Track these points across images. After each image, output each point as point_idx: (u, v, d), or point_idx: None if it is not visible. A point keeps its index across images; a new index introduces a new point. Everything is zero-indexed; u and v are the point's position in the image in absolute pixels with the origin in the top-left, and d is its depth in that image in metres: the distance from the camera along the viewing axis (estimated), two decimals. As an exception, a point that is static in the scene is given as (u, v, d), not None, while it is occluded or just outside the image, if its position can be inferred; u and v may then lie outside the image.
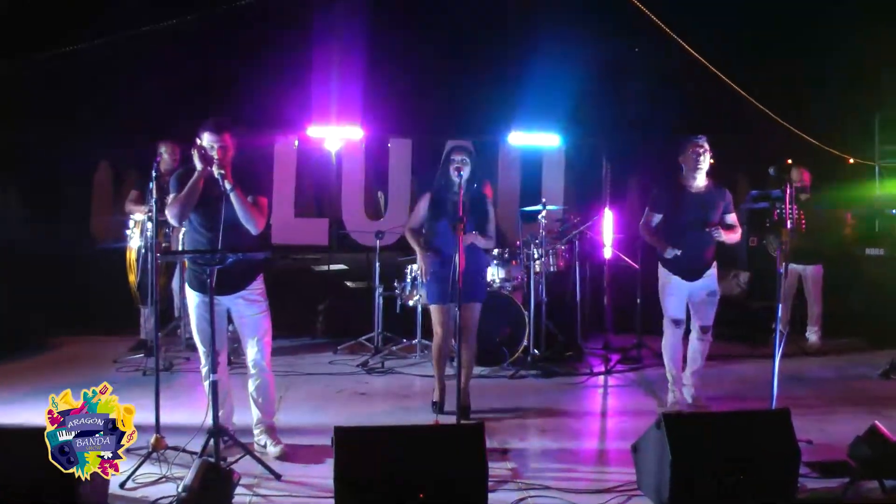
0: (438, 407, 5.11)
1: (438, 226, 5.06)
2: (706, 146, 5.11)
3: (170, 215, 4.10)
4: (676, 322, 5.26)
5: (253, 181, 4.25)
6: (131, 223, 6.55)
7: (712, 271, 5.22)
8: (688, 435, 3.56)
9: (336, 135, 8.58)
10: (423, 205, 5.15)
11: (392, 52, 8.66)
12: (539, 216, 6.77)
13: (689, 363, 5.36)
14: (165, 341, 6.58)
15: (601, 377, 6.32)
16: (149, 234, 6.24)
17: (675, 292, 5.22)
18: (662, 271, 5.26)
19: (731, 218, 5.28)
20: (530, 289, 6.63)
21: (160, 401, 4.18)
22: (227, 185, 4.03)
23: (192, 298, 4.26)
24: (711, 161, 5.14)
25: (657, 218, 5.25)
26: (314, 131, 8.50)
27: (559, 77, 8.59)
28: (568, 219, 7.39)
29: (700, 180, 5.15)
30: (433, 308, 5.14)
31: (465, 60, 8.79)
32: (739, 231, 5.30)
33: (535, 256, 6.75)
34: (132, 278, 6.51)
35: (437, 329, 5.11)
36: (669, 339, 5.30)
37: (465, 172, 4.88)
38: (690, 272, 5.17)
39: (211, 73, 8.13)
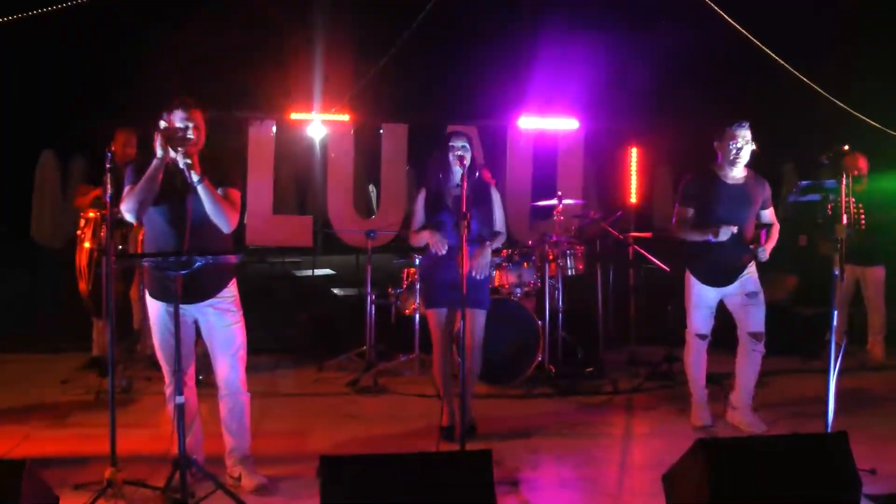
0: (448, 433, 5.03)
1: (437, 223, 5.04)
2: (749, 135, 5.05)
3: (125, 209, 4.07)
4: (701, 337, 5.27)
5: (223, 171, 4.22)
6: (82, 222, 6.52)
7: (750, 270, 5.20)
8: (729, 463, 3.53)
9: (320, 119, 8.57)
10: (420, 203, 5.12)
11: (386, 25, 8.65)
12: (554, 212, 6.74)
13: (740, 382, 5.29)
14: (123, 358, 6.55)
15: (627, 396, 6.29)
16: (103, 234, 6.20)
17: (702, 303, 5.22)
18: (689, 278, 5.24)
19: (769, 214, 5.25)
20: (544, 295, 6.61)
21: (116, 427, 4.13)
22: (195, 176, 4.00)
23: (154, 308, 4.23)
24: (756, 149, 5.08)
25: (690, 213, 5.20)
26: (295, 116, 8.48)
27: (578, 54, 8.57)
28: (587, 215, 7.36)
29: (738, 171, 5.12)
30: (429, 314, 5.14)
31: (469, 36, 8.79)
32: (777, 229, 5.26)
33: (550, 258, 6.72)
34: (83, 286, 6.48)
35: (434, 338, 5.13)
36: (692, 355, 5.33)
37: (467, 161, 4.86)
38: (724, 276, 5.16)
39: (173, 50, 8.13)
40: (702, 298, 5.22)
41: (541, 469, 4.67)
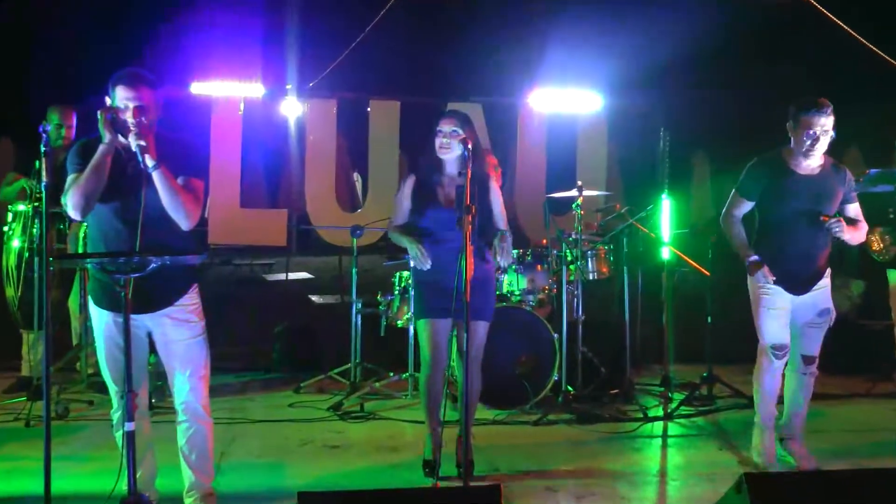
0: (432, 469, 5.04)
1: (427, 220, 5.03)
2: (830, 123, 4.90)
3: (69, 203, 4.07)
4: (779, 349, 5.06)
5: (183, 157, 4.21)
6: (9, 216, 6.52)
7: (825, 282, 5.11)
8: (779, 502, 3.52)
9: (296, 95, 8.58)
10: (407, 192, 5.11)
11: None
12: (573, 205, 6.75)
13: (789, 408, 5.26)
14: (60, 378, 6.54)
15: (659, 424, 6.30)
16: (36, 231, 6.19)
17: (777, 305, 5.04)
18: (755, 280, 5.12)
19: (853, 210, 5.15)
20: (562, 303, 6.61)
21: (52, 461, 4.09)
22: (149, 162, 4.00)
23: (100, 319, 4.23)
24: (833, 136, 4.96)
25: (746, 207, 5.12)
26: (266, 90, 8.50)
27: (600, 19, 8.57)
28: (612, 209, 7.37)
29: (814, 161, 5.01)
30: (421, 326, 5.08)
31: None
32: (865, 228, 5.18)
33: (569, 260, 6.72)
34: (11, 292, 6.48)
35: (425, 355, 5.06)
36: (766, 375, 5.12)
37: (457, 147, 4.85)
38: (797, 283, 5.02)
39: (123, 13, 8.13)
40: (776, 301, 5.04)
41: (558, 509, 4.67)
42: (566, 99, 8.91)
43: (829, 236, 5.04)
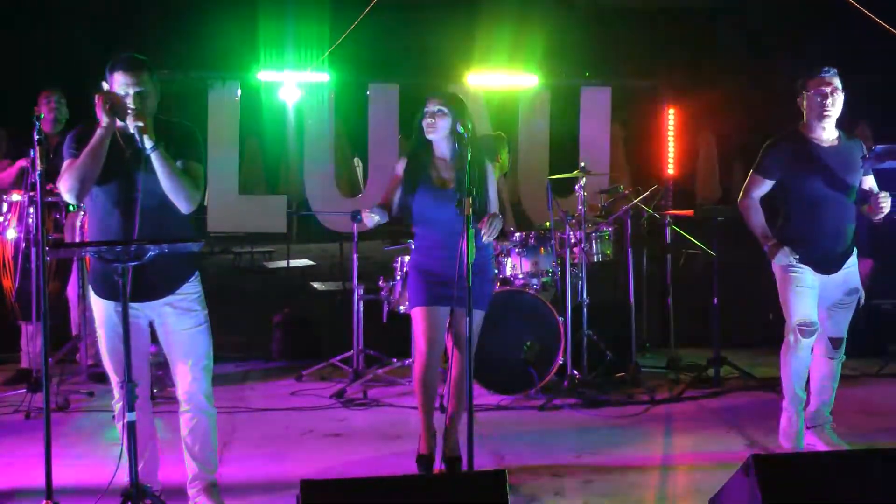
0: (426, 462, 4.93)
1: (418, 203, 4.93)
2: (836, 83, 4.92)
3: (64, 188, 4.07)
4: (808, 328, 4.94)
5: (182, 141, 4.21)
6: (4, 206, 6.53)
7: (854, 260, 5.07)
8: (789, 484, 3.54)
9: (294, 80, 8.56)
10: (397, 175, 5.02)
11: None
12: (576, 186, 6.74)
13: (818, 396, 5.19)
14: (59, 370, 6.55)
15: (666, 407, 6.32)
16: (31, 220, 6.20)
17: (806, 283, 4.96)
18: (779, 261, 5.06)
19: (871, 181, 5.14)
20: (566, 286, 6.62)
21: (52, 453, 4.12)
22: (148, 143, 3.99)
23: (101, 309, 4.23)
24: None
25: (766, 187, 5.07)
26: (264, 75, 8.48)
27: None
28: (616, 189, 7.36)
29: (830, 130, 5.00)
30: (416, 314, 4.93)
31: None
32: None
33: (572, 242, 6.72)
34: (8, 283, 6.49)
35: (420, 344, 4.92)
36: (793, 356, 5.01)
37: (444, 126, 4.77)
38: (826, 262, 4.98)
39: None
40: (804, 279, 4.96)
41: (566, 495, 4.67)
42: (569, 79, 8.89)
43: (854, 210, 5.02)
